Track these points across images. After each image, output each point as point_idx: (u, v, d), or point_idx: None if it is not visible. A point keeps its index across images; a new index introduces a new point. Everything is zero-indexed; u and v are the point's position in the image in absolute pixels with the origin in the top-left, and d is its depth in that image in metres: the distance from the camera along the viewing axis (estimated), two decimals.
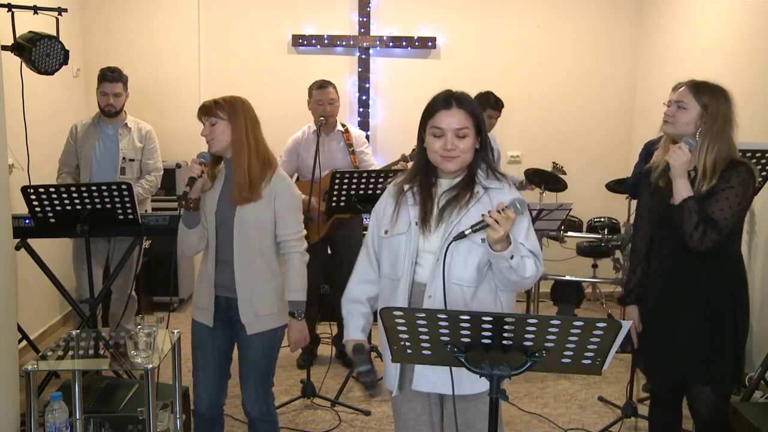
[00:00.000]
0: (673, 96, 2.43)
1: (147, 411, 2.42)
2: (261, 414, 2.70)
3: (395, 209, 2.14)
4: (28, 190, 3.24)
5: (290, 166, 4.26)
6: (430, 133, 2.06)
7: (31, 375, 2.33)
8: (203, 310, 2.66)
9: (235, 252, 2.58)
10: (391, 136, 5.88)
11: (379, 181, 3.69)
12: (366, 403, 3.84)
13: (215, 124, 2.55)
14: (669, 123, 2.40)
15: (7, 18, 3.42)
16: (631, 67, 5.99)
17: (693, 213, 2.26)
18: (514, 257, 1.93)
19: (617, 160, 5.81)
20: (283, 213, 2.61)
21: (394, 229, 2.12)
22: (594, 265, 5.57)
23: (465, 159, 2.06)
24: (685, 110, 2.35)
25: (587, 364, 1.71)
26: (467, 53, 5.88)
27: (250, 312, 2.60)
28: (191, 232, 2.60)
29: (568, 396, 4.00)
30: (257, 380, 2.67)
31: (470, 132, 2.04)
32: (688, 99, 2.36)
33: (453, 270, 2.02)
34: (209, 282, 2.63)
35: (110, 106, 4.10)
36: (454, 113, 2.03)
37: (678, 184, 2.30)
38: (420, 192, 2.12)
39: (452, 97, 2.06)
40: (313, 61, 5.76)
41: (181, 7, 5.71)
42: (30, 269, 3.83)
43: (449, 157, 2.03)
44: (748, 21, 4.35)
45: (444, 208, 2.07)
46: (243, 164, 2.54)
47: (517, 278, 1.98)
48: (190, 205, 2.55)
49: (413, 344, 1.76)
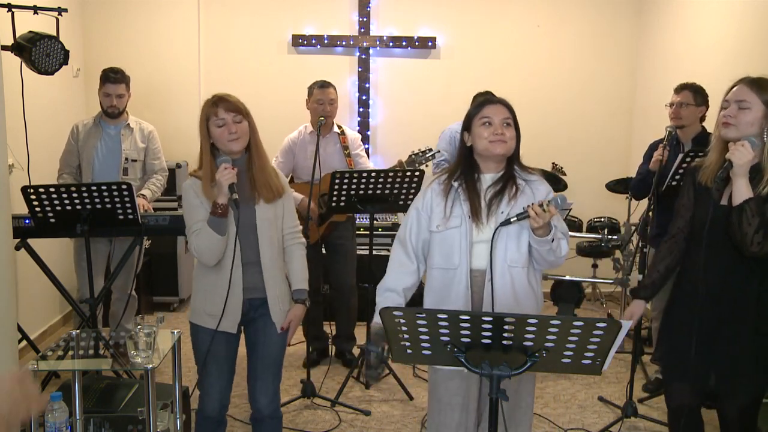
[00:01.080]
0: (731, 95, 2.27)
1: (147, 411, 2.42)
2: (272, 411, 2.69)
3: (446, 204, 2.33)
4: (28, 190, 3.24)
5: (286, 167, 4.26)
6: (478, 125, 2.31)
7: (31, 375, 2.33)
8: (225, 318, 2.54)
9: (262, 252, 2.56)
10: (391, 136, 5.89)
11: (379, 181, 3.69)
12: (366, 403, 3.84)
13: (240, 122, 2.52)
14: (731, 125, 2.25)
15: (7, 18, 3.42)
16: (631, 67, 5.99)
17: (755, 215, 2.15)
18: (555, 241, 2.21)
19: (617, 160, 5.82)
20: (289, 208, 2.69)
21: (448, 224, 2.30)
22: (594, 265, 5.57)
23: (510, 146, 2.31)
24: (748, 110, 2.22)
25: (587, 364, 1.71)
26: (467, 53, 5.88)
27: (279, 309, 2.62)
28: (223, 239, 2.50)
29: (568, 396, 4.00)
30: (274, 375, 2.68)
31: (512, 123, 2.31)
32: (750, 97, 2.23)
33: (508, 254, 2.26)
34: (237, 287, 2.54)
35: (113, 108, 4.10)
36: (499, 106, 2.32)
37: (739, 184, 2.19)
38: (466, 188, 2.32)
39: (495, 97, 2.37)
40: (313, 61, 5.77)
41: (181, 7, 5.71)
42: (30, 269, 3.83)
43: (499, 141, 2.27)
44: (748, 21, 4.35)
45: (491, 201, 2.30)
46: (265, 164, 2.60)
47: (554, 258, 2.25)
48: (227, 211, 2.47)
49: (413, 344, 1.76)
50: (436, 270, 2.33)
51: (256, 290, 2.59)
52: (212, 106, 2.51)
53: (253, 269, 2.57)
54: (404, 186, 3.72)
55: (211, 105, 2.52)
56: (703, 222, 2.33)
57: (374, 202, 3.75)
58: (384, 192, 3.72)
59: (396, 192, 3.74)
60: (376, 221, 5.25)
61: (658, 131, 3.98)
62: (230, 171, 2.44)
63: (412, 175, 3.71)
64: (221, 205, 2.45)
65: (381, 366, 2.26)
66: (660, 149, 3.63)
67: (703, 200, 2.36)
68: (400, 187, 3.72)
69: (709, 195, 2.31)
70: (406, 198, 3.78)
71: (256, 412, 2.70)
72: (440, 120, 4.98)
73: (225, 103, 2.50)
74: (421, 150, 4.15)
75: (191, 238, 2.52)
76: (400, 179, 3.70)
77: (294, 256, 2.71)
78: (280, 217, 2.65)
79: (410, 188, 3.74)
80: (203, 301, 2.60)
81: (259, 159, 2.59)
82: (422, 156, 4.12)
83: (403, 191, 3.74)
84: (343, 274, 4.35)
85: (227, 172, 2.44)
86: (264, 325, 2.62)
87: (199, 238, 2.48)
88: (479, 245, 2.28)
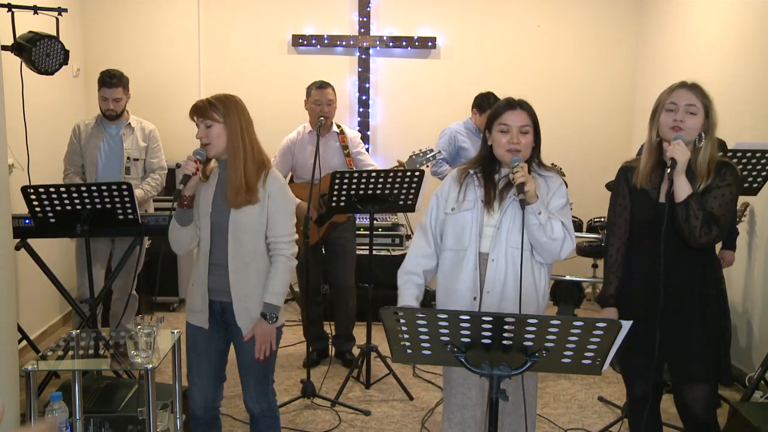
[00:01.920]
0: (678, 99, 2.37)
1: (147, 411, 2.43)
2: (262, 410, 2.69)
3: (461, 190, 2.47)
4: (28, 190, 3.24)
5: (284, 167, 4.26)
6: (497, 130, 2.41)
7: (31, 375, 2.34)
8: (197, 312, 2.61)
9: (230, 256, 2.53)
10: (391, 136, 5.89)
11: (379, 181, 3.69)
12: (366, 403, 3.84)
13: (211, 127, 2.49)
14: (681, 130, 2.35)
15: (7, 18, 3.42)
16: (631, 67, 5.99)
17: (699, 209, 2.29)
18: (542, 213, 2.30)
19: (617, 160, 5.70)
20: (275, 214, 2.56)
21: (461, 206, 2.43)
22: (594, 265, 5.58)
23: (526, 154, 2.40)
24: (694, 115, 2.35)
25: (587, 364, 1.71)
26: (467, 53, 5.88)
27: (245, 315, 2.56)
28: (183, 230, 2.55)
29: (568, 396, 4.00)
30: (256, 380, 2.66)
31: (531, 130, 2.40)
32: (696, 102, 2.35)
33: (511, 237, 2.36)
34: (203, 286, 2.58)
35: (111, 111, 4.11)
36: (518, 113, 2.40)
37: (681, 181, 2.31)
38: (483, 176, 2.46)
39: (516, 101, 2.43)
40: (313, 61, 5.77)
41: (181, 7, 5.71)
42: (30, 269, 3.83)
43: (514, 150, 2.36)
44: (748, 21, 4.35)
45: (504, 190, 2.42)
46: (239, 168, 2.49)
47: (546, 239, 2.31)
48: (184, 202, 2.50)
49: (413, 344, 1.76)
50: (448, 251, 2.45)
51: (224, 293, 2.56)
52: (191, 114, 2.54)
53: (220, 271, 2.56)
54: (404, 186, 3.72)
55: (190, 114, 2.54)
56: (646, 221, 2.46)
57: (374, 202, 3.75)
58: (384, 192, 3.72)
59: (396, 192, 3.74)
60: (376, 221, 5.25)
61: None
62: (191, 163, 2.47)
63: (412, 175, 3.71)
64: (185, 197, 2.49)
65: None
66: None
67: (640, 200, 2.48)
68: (400, 187, 3.72)
69: (647, 195, 2.45)
70: (406, 198, 3.78)
71: (249, 411, 2.73)
72: (440, 120, 4.98)
73: (196, 110, 2.51)
74: (422, 150, 4.15)
75: None
76: (400, 179, 3.70)
77: (272, 268, 2.57)
78: (262, 223, 2.55)
79: (410, 188, 3.74)
80: (189, 295, 2.69)
81: (229, 162, 2.52)
82: (423, 156, 4.12)
83: (403, 191, 3.74)
84: (343, 275, 4.34)
85: (190, 163, 2.47)
86: (236, 331, 2.61)
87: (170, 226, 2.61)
88: (488, 229, 2.39)
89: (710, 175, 2.36)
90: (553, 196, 2.42)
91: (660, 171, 2.43)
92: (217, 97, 2.52)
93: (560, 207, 2.41)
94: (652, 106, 2.46)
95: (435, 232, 2.51)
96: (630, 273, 2.53)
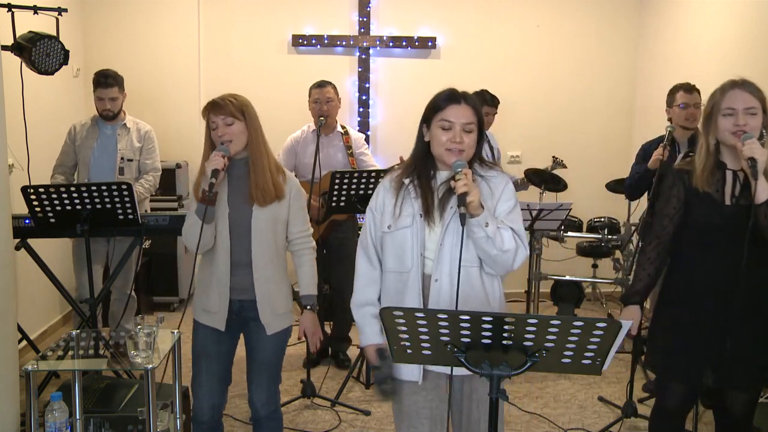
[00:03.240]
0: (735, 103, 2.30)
1: (147, 411, 2.42)
2: (269, 413, 2.69)
3: (396, 203, 2.18)
4: (28, 190, 3.24)
5: (288, 166, 4.26)
6: (437, 126, 2.13)
7: (31, 375, 2.33)
8: (213, 314, 2.59)
9: (254, 253, 2.56)
10: (391, 136, 5.89)
11: (379, 181, 3.69)
12: (366, 403, 3.84)
13: (232, 125, 2.51)
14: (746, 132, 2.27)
15: (7, 18, 3.42)
16: (631, 67, 5.99)
17: None
18: (489, 225, 2.03)
19: (617, 160, 5.81)
20: (297, 212, 2.66)
21: (397, 223, 2.16)
22: (594, 265, 5.57)
23: (468, 155, 2.13)
24: (755, 116, 2.29)
25: (587, 364, 1.71)
26: (467, 53, 5.88)
27: (269, 312, 2.59)
28: (207, 228, 2.51)
29: (568, 396, 4.00)
30: (269, 379, 2.67)
31: (475, 128, 2.13)
32: (755, 103, 2.29)
33: (456, 253, 2.07)
34: (223, 286, 2.57)
35: (107, 111, 4.11)
36: (462, 108, 2.12)
37: (762, 181, 2.22)
38: (420, 185, 2.17)
39: (460, 94, 2.15)
40: (313, 61, 5.77)
41: (180, 7, 5.71)
42: (30, 269, 3.83)
43: (456, 149, 2.10)
44: (748, 21, 4.35)
45: (444, 198, 2.14)
46: (264, 166, 2.55)
47: (496, 251, 2.05)
48: (214, 199, 2.47)
49: (413, 344, 1.76)
50: (390, 273, 2.20)
51: (246, 291, 2.58)
52: (206, 111, 2.55)
53: (243, 270, 2.57)
54: None
55: (205, 110, 2.55)
56: (712, 224, 2.37)
57: None
58: None
59: None
60: None
61: (658, 131, 3.98)
62: (218, 158, 2.46)
63: None
64: (207, 192, 2.45)
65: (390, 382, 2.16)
66: (660, 149, 3.65)
67: (704, 203, 2.39)
68: None
69: (710, 198, 2.36)
70: None
71: (254, 412, 2.71)
72: None
73: (215, 107, 2.52)
74: None
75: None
76: None
77: (302, 261, 2.71)
78: (282, 221, 2.62)
79: None
80: (199, 295, 2.65)
81: (256, 161, 2.56)
82: None
83: None
84: (343, 275, 4.34)
85: (216, 158, 2.46)
86: (257, 328, 2.62)
87: (186, 222, 2.56)
88: (431, 246, 2.14)
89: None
90: (500, 200, 2.15)
91: (719, 173, 2.37)
92: (232, 95, 2.56)
93: (508, 211, 2.15)
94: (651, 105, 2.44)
95: (378, 249, 2.24)
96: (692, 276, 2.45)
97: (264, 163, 2.56)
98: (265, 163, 2.56)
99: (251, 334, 2.64)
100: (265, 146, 2.60)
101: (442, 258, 2.11)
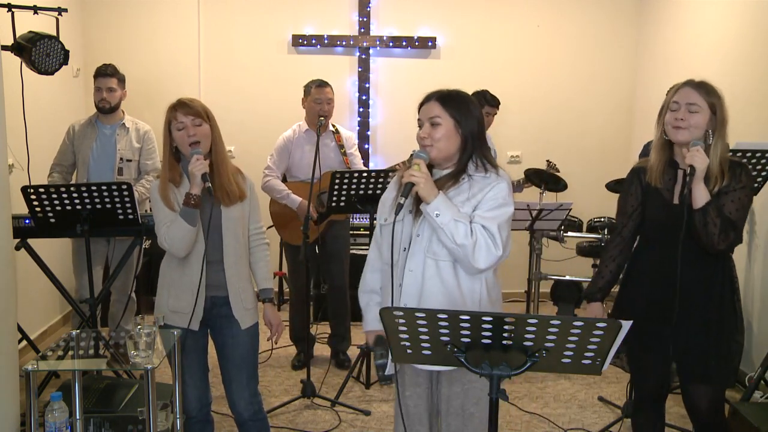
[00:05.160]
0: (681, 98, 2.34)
1: (147, 411, 2.42)
2: (253, 413, 2.71)
3: (396, 197, 2.24)
4: (28, 190, 3.24)
5: (282, 165, 4.25)
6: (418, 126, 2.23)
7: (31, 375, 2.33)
8: (185, 314, 2.60)
9: (225, 252, 2.61)
10: (391, 136, 5.89)
11: (379, 181, 3.69)
12: (366, 403, 3.84)
13: (200, 126, 2.56)
14: (683, 129, 2.32)
15: (7, 18, 3.42)
16: (631, 67, 5.99)
17: (717, 216, 2.27)
18: (441, 216, 2.06)
19: (617, 160, 5.81)
20: (254, 209, 2.76)
21: (391, 217, 2.22)
22: (594, 265, 5.55)
23: (440, 147, 2.16)
24: (697, 113, 2.31)
25: (587, 364, 1.71)
26: (467, 53, 5.88)
27: (241, 307, 2.65)
28: (194, 230, 2.54)
29: (568, 396, 4.00)
30: (249, 376, 2.69)
31: (443, 122, 2.16)
32: (699, 101, 2.31)
33: (432, 245, 2.15)
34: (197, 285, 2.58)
35: (104, 101, 4.11)
36: (431, 105, 2.20)
37: (700, 189, 2.28)
38: None
39: (432, 93, 2.23)
40: (313, 61, 5.76)
41: (181, 7, 5.71)
42: (30, 269, 3.82)
43: (424, 145, 2.18)
44: (748, 21, 4.35)
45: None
46: (227, 168, 2.62)
47: (450, 243, 2.07)
48: (199, 202, 2.52)
49: (413, 344, 1.76)
50: (385, 265, 2.26)
51: (218, 288, 2.63)
52: (172, 111, 2.58)
53: (215, 267, 2.62)
54: None
55: (171, 109, 2.59)
56: (658, 220, 2.45)
57: (374, 202, 3.73)
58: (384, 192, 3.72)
59: None
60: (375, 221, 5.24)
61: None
62: (202, 161, 2.50)
63: None
64: (194, 196, 2.50)
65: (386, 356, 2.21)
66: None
67: (653, 199, 2.46)
68: None
69: (659, 194, 2.43)
70: None
71: (237, 416, 2.73)
72: None
73: (184, 107, 2.56)
74: None
75: (161, 230, 2.56)
76: None
77: (259, 257, 2.78)
78: (246, 218, 2.71)
79: None
80: (165, 298, 2.65)
81: (220, 164, 2.61)
82: None
83: None
84: (339, 274, 4.34)
85: (199, 162, 2.49)
86: (229, 325, 2.65)
87: (171, 229, 2.53)
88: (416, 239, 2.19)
89: (724, 176, 2.32)
90: (483, 200, 2.13)
91: (672, 171, 2.42)
92: (194, 99, 2.63)
93: (487, 209, 2.12)
94: (651, 105, 2.46)
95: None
96: (641, 271, 2.53)
97: (226, 165, 2.64)
98: (227, 164, 2.64)
99: (223, 331, 2.67)
100: (224, 149, 2.68)
101: (415, 250, 2.18)
